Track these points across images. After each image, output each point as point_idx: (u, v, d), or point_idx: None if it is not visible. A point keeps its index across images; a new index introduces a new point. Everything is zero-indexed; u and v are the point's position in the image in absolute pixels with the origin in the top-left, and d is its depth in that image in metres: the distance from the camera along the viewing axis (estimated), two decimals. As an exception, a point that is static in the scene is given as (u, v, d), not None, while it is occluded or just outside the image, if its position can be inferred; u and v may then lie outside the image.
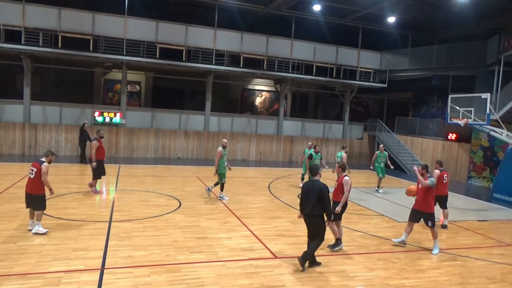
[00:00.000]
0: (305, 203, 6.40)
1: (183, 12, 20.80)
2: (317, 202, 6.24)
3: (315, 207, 6.27)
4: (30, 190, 7.21)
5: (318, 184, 6.36)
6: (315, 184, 6.37)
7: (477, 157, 17.86)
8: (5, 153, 17.24)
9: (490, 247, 8.36)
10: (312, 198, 6.28)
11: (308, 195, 6.34)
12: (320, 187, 6.29)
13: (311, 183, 6.49)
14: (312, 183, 6.47)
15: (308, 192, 6.36)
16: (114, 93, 22.50)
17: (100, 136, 11.11)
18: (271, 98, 26.20)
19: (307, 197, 6.36)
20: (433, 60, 21.04)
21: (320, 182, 6.40)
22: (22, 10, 16.28)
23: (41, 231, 7.16)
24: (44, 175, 7.13)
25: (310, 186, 6.42)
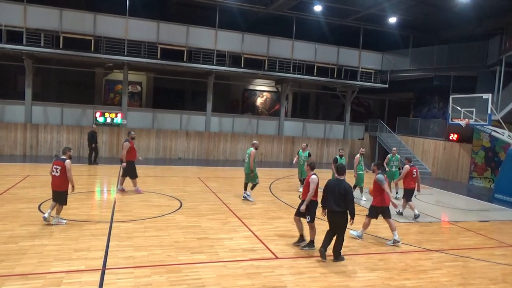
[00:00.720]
0: (329, 200, 6.72)
1: (184, 12, 20.82)
2: (342, 200, 6.59)
3: (340, 205, 6.62)
4: (55, 187, 7.73)
5: (344, 183, 6.72)
6: (341, 183, 6.73)
7: (478, 158, 17.83)
8: (6, 154, 17.27)
9: (492, 247, 8.35)
10: (337, 196, 6.63)
11: (333, 193, 6.67)
12: (345, 186, 6.67)
13: (336, 182, 6.80)
14: (338, 182, 6.80)
15: (333, 191, 6.68)
16: (115, 93, 22.53)
17: (132, 137, 11.33)
18: (272, 98, 26.20)
19: (332, 195, 6.68)
20: (434, 60, 21.02)
21: (346, 182, 6.78)
22: (24, 11, 16.32)
23: (62, 223, 7.77)
24: (69, 172, 7.65)
25: (335, 185, 6.73)
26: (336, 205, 6.65)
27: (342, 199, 6.60)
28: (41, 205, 9.14)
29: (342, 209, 6.64)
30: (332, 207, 6.69)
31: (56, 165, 7.67)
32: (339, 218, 6.69)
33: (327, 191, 6.82)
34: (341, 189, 6.63)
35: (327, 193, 6.80)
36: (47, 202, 9.47)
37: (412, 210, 10.17)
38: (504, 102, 15.86)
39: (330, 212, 6.78)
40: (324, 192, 6.91)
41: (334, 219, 6.75)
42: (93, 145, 16.06)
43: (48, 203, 9.37)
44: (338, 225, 6.74)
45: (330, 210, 6.75)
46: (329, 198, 6.74)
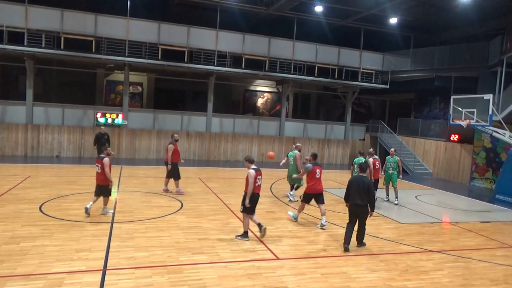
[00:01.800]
0: (353, 195, 7.46)
1: (185, 13, 20.84)
2: (365, 195, 7.36)
3: (363, 199, 7.37)
4: (99, 182, 8.73)
5: (366, 180, 7.55)
6: (364, 180, 7.50)
7: (479, 158, 17.81)
8: (7, 154, 17.30)
9: (493, 248, 8.33)
10: (361, 191, 7.36)
11: (358, 189, 7.40)
12: (368, 182, 7.51)
13: (359, 179, 7.56)
14: (361, 178, 7.55)
15: (358, 186, 7.42)
16: (116, 94, 22.56)
17: (175, 140, 11.50)
18: (273, 99, 26.21)
19: (357, 190, 7.40)
20: (435, 61, 21.01)
21: (367, 179, 7.70)
22: (25, 12, 16.35)
23: (109, 213, 8.81)
24: (106, 168, 8.52)
25: (359, 181, 7.49)
26: (360, 199, 7.39)
27: (366, 194, 7.35)
28: (42, 206, 9.15)
29: (365, 203, 7.40)
30: (356, 201, 7.42)
31: (97, 163, 8.66)
32: (362, 211, 7.47)
33: (352, 187, 7.52)
34: (364, 185, 7.39)
35: (352, 189, 7.50)
36: (48, 202, 9.50)
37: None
38: (505, 102, 15.84)
39: (354, 206, 7.49)
40: (349, 187, 7.61)
41: (357, 212, 7.49)
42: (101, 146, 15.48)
43: (50, 202, 9.42)
44: (361, 217, 7.54)
45: (354, 203, 7.46)
46: (354, 193, 7.44)
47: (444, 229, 9.73)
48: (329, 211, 10.58)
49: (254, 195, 7.64)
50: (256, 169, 7.73)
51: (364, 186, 7.38)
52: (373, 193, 7.56)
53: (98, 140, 15.43)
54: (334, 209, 10.89)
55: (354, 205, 7.48)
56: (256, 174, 7.63)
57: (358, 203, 7.42)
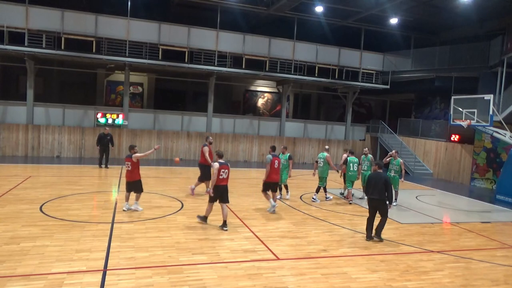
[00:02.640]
0: (372, 190, 8.00)
1: (185, 13, 20.86)
2: (383, 189, 7.89)
3: (381, 193, 7.92)
4: (129, 178, 9.15)
5: (383, 175, 8.13)
6: (381, 175, 8.08)
7: (480, 159, 17.79)
8: (8, 155, 17.31)
9: (494, 249, 8.32)
10: (379, 186, 7.92)
11: (376, 183, 7.96)
12: (386, 177, 8.04)
13: (377, 174, 8.13)
14: (378, 174, 8.14)
15: (376, 182, 7.98)
16: (117, 94, 22.57)
17: (210, 142, 11.67)
18: (273, 99, 26.21)
19: (375, 185, 7.97)
20: (436, 61, 21.00)
21: (385, 174, 8.30)
22: (26, 12, 16.37)
23: (139, 209, 9.23)
24: (138, 157, 9.11)
25: (377, 177, 8.05)
26: (378, 193, 7.96)
27: (383, 188, 7.90)
28: (42, 206, 9.15)
29: (382, 197, 7.96)
30: (374, 195, 8.01)
31: (127, 162, 9.17)
32: (380, 204, 8.03)
33: (370, 183, 8.11)
34: (382, 180, 7.95)
35: (370, 185, 8.09)
36: (48, 202, 9.50)
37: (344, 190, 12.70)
38: (506, 103, 15.83)
39: (372, 200, 8.08)
40: (368, 183, 8.24)
41: (375, 205, 8.08)
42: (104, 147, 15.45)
43: (51, 203, 9.42)
44: (380, 210, 8.08)
45: (372, 198, 8.04)
46: (372, 188, 8.00)
47: (444, 230, 9.72)
48: (330, 211, 10.59)
49: (219, 187, 8.21)
50: (223, 163, 8.26)
51: (382, 181, 7.93)
52: (390, 187, 8.05)
53: (101, 140, 15.41)
54: (334, 209, 10.89)
55: (372, 199, 8.09)
56: (221, 167, 8.17)
57: (375, 198, 8.01)
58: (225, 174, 8.24)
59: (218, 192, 8.25)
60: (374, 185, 8.02)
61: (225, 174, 8.25)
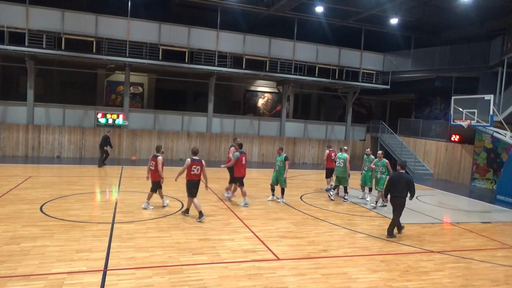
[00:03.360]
0: (394, 188, 8.44)
1: (185, 14, 20.86)
2: (405, 188, 8.35)
3: (403, 192, 8.37)
4: (153, 178, 9.47)
5: (406, 175, 8.58)
6: (403, 175, 8.51)
7: (480, 159, 17.79)
8: (8, 155, 17.32)
9: (494, 249, 8.32)
10: (401, 185, 8.34)
11: (398, 183, 8.40)
12: (408, 177, 8.51)
13: (399, 175, 8.56)
14: (401, 174, 8.56)
15: (398, 181, 8.43)
16: (117, 94, 22.58)
17: (238, 144, 11.65)
18: (274, 99, 26.21)
19: (397, 184, 8.40)
20: (436, 61, 20.99)
21: (407, 174, 8.74)
22: (26, 13, 16.38)
23: (166, 203, 9.89)
24: (159, 165, 9.34)
25: (399, 177, 8.50)
26: (399, 192, 8.39)
27: (405, 187, 8.34)
28: (42, 206, 9.15)
29: (404, 195, 8.40)
30: (396, 194, 8.44)
31: (152, 161, 9.46)
32: (400, 202, 8.47)
33: (392, 182, 8.52)
34: (404, 179, 8.41)
35: (392, 184, 8.49)
36: (49, 202, 9.51)
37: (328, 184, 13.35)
38: (506, 103, 15.82)
39: (394, 197, 8.51)
40: (390, 182, 8.59)
41: (396, 202, 8.50)
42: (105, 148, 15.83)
43: (51, 203, 9.43)
44: (398, 207, 8.50)
45: (394, 196, 8.47)
46: (394, 187, 8.44)
47: (445, 230, 9.71)
48: (330, 211, 10.59)
49: (190, 182, 8.77)
50: (195, 159, 8.78)
51: (404, 181, 8.39)
52: (413, 187, 8.42)
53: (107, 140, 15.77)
54: (334, 209, 10.89)
55: (395, 197, 8.51)
56: (192, 163, 8.72)
57: (397, 196, 8.46)
58: (197, 170, 8.74)
59: (191, 186, 8.79)
60: (396, 185, 8.43)
61: (197, 170, 8.75)
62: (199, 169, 8.78)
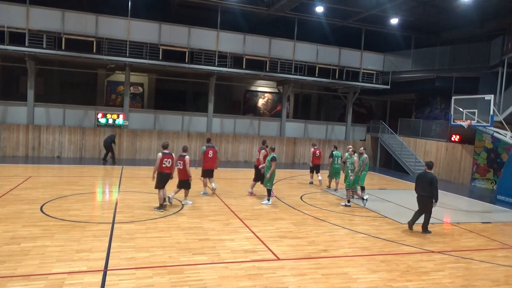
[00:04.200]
0: (420, 188, 8.91)
1: (186, 14, 20.86)
2: (428, 187, 8.71)
3: (426, 191, 8.78)
4: (180, 177, 9.98)
5: (430, 175, 8.88)
6: (428, 175, 8.88)
7: (480, 159, 17.78)
8: (9, 155, 17.32)
9: (494, 249, 8.32)
10: (425, 185, 8.76)
11: (422, 182, 8.86)
12: (432, 177, 8.79)
13: (424, 174, 9.00)
14: (425, 174, 8.96)
15: (422, 181, 8.87)
16: (117, 94, 22.58)
17: (267, 145, 12.13)
18: (274, 99, 26.21)
19: (422, 184, 8.86)
20: (436, 61, 20.98)
21: (432, 173, 8.95)
22: (26, 13, 16.38)
23: (189, 203, 10.20)
24: (187, 165, 9.77)
25: (424, 176, 8.92)
26: (423, 191, 8.83)
27: (428, 187, 8.70)
28: (43, 206, 9.16)
29: (428, 194, 8.77)
30: (421, 193, 8.92)
31: (179, 160, 9.87)
32: (425, 201, 8.85)
33: (418, 182, 9.00)
34: (427, 179, 8.76)
35: (418, 183, 8.98)
36: (49, 203, 9.51)
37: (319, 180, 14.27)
38: (506, 103, 15.82)
39: (419, 196, 9.00)
40: (416, 182, 9.09)
41: (421, 201, 8.94)
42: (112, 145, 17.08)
43: (51, 203, 9.44)
44: (425, 206, 8.91)
45: (420, 195, 8.95)
46: (420, 186, 8.89)
47: (445, 230, 9.71)
48: (330, 212, 10.59)
49: (162, 174, 9.27)
50: (166, 153, 9.35)
51: (427, 180, 8.75)
52: (436, 186, 8.75)
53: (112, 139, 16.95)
54: (335, 210, 10.88)
55: (420, 196, 9.00)
56: (163, 157, 9.24)
57: (422, 194, 8.93)
58: (168, 163, 9.30)
59: (163, 178, 9.32)
60: (422, 184, 8.90)
61: (168, 163, 9.30)
62: (170, 162, 9.32)
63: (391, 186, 16.20)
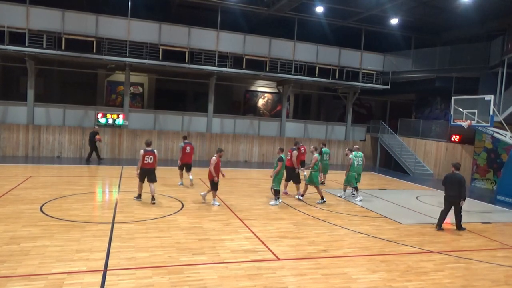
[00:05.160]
0: (449, 188, 9.38)
1: (186, 14, 20.87)
2: (457, 187, 9.20)
3: (455, 190, 9.25)
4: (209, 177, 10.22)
5: (459, 176, 9.39)
6: (456, 176, 9.37)
7: (480, 159, 17.79)
8: (8, 155, 17.32)
9: (494, 249, 8.32)
10: (455, 186, 9.23)
11: (452, 183, 9.33)
12: (460, 178, 9.30)
13: (453, 175, 9.44)
14: (453, 175, 9.43)
15: (452, 181, 9.35)
16: (117, 94, 22.58)
17: (298, 147, 12.34)
18: (274, 99, 26.21)
19: (451, 185, 9.34)
20: (436, 61, 20.99)
21: (460, 174, 9.44)
22: (26, 13, 16.38)
23: (216, 205, 10.26)
24: (211, 166, 9.97)
25: (453, 177, 9.40)
26: (451, 191, 9.32)
27: (457, 187, 9.18)
28: (43, 206, 9.16)
29: (456, 194, 9.23)
30: (449, 193, 9.36)
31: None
32: (454, 200, 9.33)
33: (446, 182, 9.46)
34: (457, 180, 9.26)
35: (447, 184, 9.43)
36: (49, 203, 9.51)
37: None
38: (506, 103, 15.82)
39: (447, 196, 9.43)
40: (444, 183, 9.55)
41: (450, 201, 9.41)
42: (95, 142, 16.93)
43: (51, 203, 9.45)
44: (455, 206, 9.40)
45: (449, 195, 9.37)
46: (449, 187, 9.35)
47: (445, 230, 9.71)
48: (330, 212, 10.59)
49: (144, 169, 10.00)
50: (148, 150, 10.04)
51: (456, 181, 9.26)
52: (464, 186, 9.22)
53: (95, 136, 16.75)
54: (334, 210, 10.88)
55: (448, 195, 9.42)
56: (145, 153, 9.95)
57: (450, 194, 9.37)
58: (149, 159, 10.00)
59: (144, 173, 10.03)
60: (451, 185, 9.33)
61: (150, 159, 10.00)
62: (152, 158, 10.04)
63: (391, 186, 16.20)
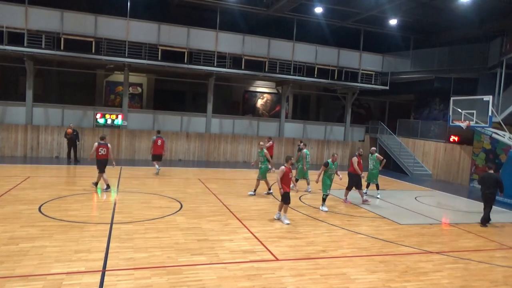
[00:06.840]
0: (486, 187, 10.27)
1: (185, 14, 20.86)
2: (493, 185, 10.23)
3: (491, 188, 10.23)
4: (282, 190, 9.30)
5: (494, 175, 10.51)
6: (492, 175, 10.42)
7: (479, 160, 17.81)
8: (7, 155, 17.29)
9: (493, 250, 8.33)
10: (490, 184, 10.23)
11: (489, 182, 10.26)
12: (497, 177, 10.47)
13: (489, 175, 10.42)
14: (489, 175, 10.43)
15: (489, 181, 10.29)
16: (116, 95, 22.56)
17: (360, 154, 12.36)
18: (273, 100, 26.22)
19: (488, 184, 10.26)
20: (435, 62, 21.02)
21: (495, 174, 10.70)
22: (25, 13, 16.36)
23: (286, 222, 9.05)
24: (278, 176, 9.20)
25: (489, 177, 10.37)
26: (488, 189, 10.27)
27: (494, 185, 10.22)
28: (41, 207, 9.14)
29: (492, 191, 10.28)
30: (485, 191, 10.31)
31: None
32: (490, 197, 10.29)
33: (483, 181, 10.42)
34: (494, 179, 10.30)
35: (483, 182, 10.40)
36: (47, 203, 9.50)
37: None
38: (505, 104, 15.85)
39: (484, 194, 10.35)
40: (481, 182, 10.54)
41: (488, 198, 10.30)
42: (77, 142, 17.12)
43: (50, 203, 9.44)
44: (489, 202, 10.30)
45: (483, 192, 10.37)
46: (486, 185, 10.25)
47: (443, 231, 9.73)
48: (330, 212, 10.59)
49: (98, 161, 11.14)
50: (101, 143, 11.19)
51: (492, 180, 10.27)
52: (502, 184, 10.27)
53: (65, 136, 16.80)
54: (334, 210, 10.89)
55: (484, 193, 10.33)
56: (98, 146, 11.14)
57: (486, 192, 10.28)
58: (103, 151, 11.18)
59: (101, 164, 11.15)
60: (487, 183, 10.24)
61: (103, 151, 11.18)
62: (105, 150, 11.24)
63: (390, 186, 16.21)
